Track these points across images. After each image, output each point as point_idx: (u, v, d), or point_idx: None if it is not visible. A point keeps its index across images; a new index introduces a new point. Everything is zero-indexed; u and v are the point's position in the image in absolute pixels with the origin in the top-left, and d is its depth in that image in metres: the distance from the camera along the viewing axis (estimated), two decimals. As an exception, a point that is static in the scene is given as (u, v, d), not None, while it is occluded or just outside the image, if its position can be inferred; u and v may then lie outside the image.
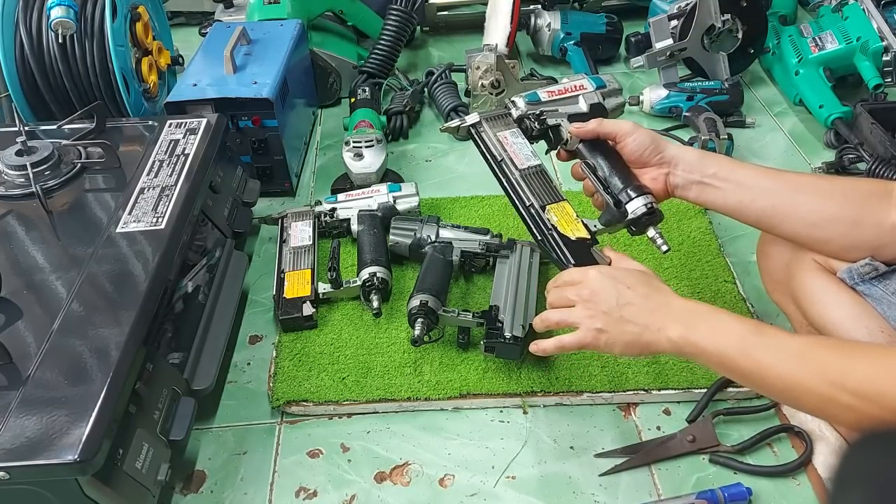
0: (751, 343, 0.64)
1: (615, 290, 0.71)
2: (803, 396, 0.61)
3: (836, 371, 0.59)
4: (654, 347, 0.69)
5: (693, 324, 0.67)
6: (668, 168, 0.81)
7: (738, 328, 0.66)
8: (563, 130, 0.87)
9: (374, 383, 0.91)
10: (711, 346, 0.66)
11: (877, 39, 1.34)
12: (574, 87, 0.91)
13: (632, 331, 0.69)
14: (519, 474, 0.83)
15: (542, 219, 0.82)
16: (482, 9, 1.58)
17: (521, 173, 0.85)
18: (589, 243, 0.80)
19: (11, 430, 0.64)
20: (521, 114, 0.89)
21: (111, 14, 1.14)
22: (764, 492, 0.80)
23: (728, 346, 0.65)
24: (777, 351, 0.63)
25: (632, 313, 0.70)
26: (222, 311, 0.94)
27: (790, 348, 0.63)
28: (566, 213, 0.82)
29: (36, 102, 1.19)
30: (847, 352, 0.62)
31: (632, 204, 0.80)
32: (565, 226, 0.81)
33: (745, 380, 0.66)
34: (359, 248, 1.06)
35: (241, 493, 0.83)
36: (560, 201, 0.84)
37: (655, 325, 0.69)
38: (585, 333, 0.71)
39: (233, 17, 1.66)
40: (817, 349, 0.62)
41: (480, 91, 1.39)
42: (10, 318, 0.75)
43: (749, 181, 0.78)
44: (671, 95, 1.39)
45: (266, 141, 1.19)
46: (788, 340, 0.64)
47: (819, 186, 0.77)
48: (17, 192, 0.92)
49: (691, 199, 0.81)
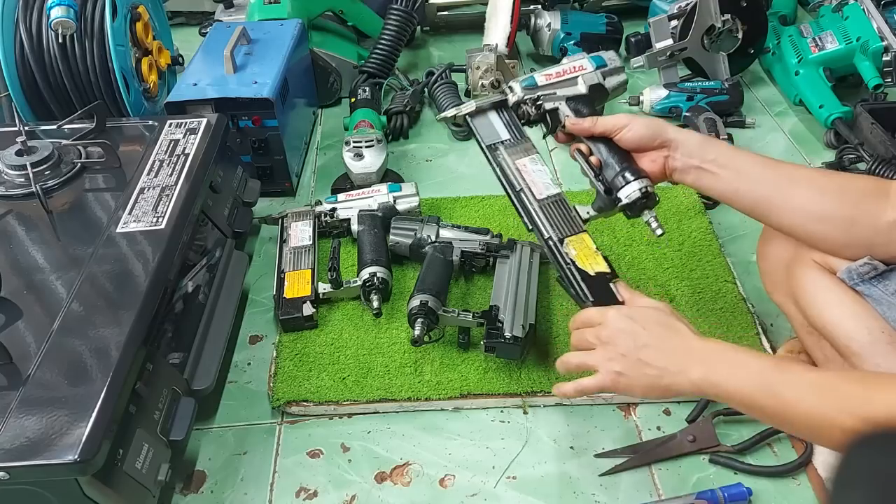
0: (772, 380, 0.63)
1: (633, 332, 0.70)
2: (827, 431, 0.60)
3: (858, 402, 0.58)
4: (674, 389, 0.69)
5: (712, 364, 0.67)
6: (668, 151, 0.80)
7: (758, 365, 0.65)
8: (560, 114, 0.86)
9: (374, 383, 0.91)
10: (733, 387, 0.65)
11: (877, 39, 1.34)
12: (573, 69, 0.89)
13: (651, 374, 0.69)
14: (519, 474, 0.83)
15: (560, 252, 0.80)
16: (482, 9, 1.58)
17: (541, 203, 0.83)
18: (608, 278, 0.77)
19: (11, 430, 0.64)
20: (518, 99, 0.88)
21: (111, 14, 1.14)
22: (764, 492, 0.80)
23: (749, 385, 0.64)
24: (799, 386, 0.62)
25: (650, 356, 0.69)
26: (222, 311, 0.94)
27: (812, 383, 0.62)
28: (585, 246, 0.80)
29: (36, 102, 1.19)
30: (869, 383, 0.61)
31: (627, 188, 0.79)
32: (584, 260, 0.78)
33: (769, 418, 0.66)
34: (359, 248, 1.06)
35: (242, 493, 0.83)
36: (579, 233, 0.81)
37: (675, 367, 0.68)
38: (605, 377, 0.71)
39: (233, 16, 1.66)
40: (838, 382, 0.62)
41: (480, 91, 1.39)
42: (10, 318, 0.75)
43: (747, 169, 0.77)
44: (671, 95, 1.39)
45: (266, 141, 1.19)
46: (809, 375, 0.63)
47: (815, 181, 0.76)
48: (17, 192, 0.92)
49: (688, 182, 0.80)
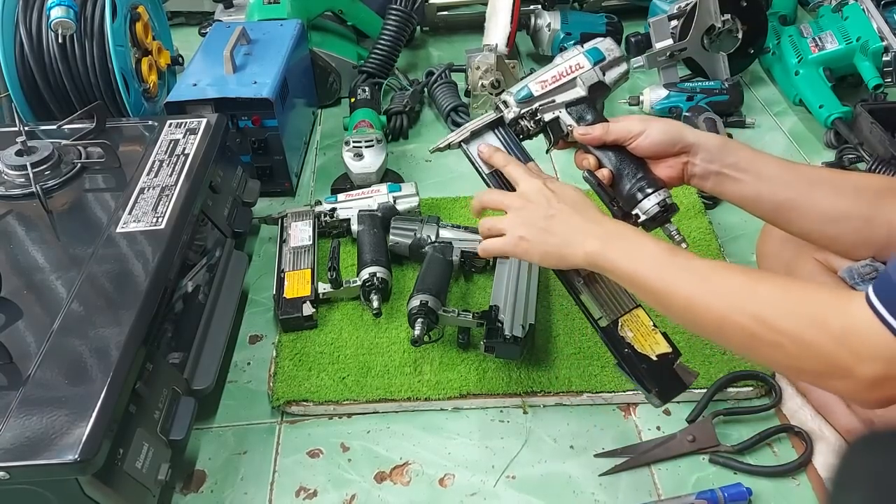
0: (663, 263, 0.65)
1: (544, 204, 0.72)
2: (702, 315, 0.62)
3: (740, 293, 0.61)
4: (569, 260, 0.70)
5: (610, 241, 0.68)
6: (687, 157, 0.77)
7: (654, 248, 0.66)
8: (562, 123, 0.80)
9: (374, 383, 0.91)
10: (626, 264, 0.67)
11: (877, 39, 1.34)
12: (569, 69, 0.80)
13: (550, 241, 0.71)
14: (519, 474, 0.83)
15: (614, 337, 0.73)
16: (482, 9, 1.58)
17: (585, 279, 0.76)
18: (671, 358, 0.72)
19: (11, 430, 0.64)
20: (515, 115, 0.80)
21: (111, 14, 1.14)
22: (764, 492, 0.80)
23: (641, 265, 0.66)
24: (686, 271, 0.64)
25: (553, 226, 0.71)
26: (222, 311, 0.94)
27: (700, 269, 0.64)
28: (641, 325, 0.73)
29: (36, 102, 1.19)
30: (754, 277, 0.63)
31: (645, 202, 0.74)
32: (642, 341, 0.72)
33: (653, 298, 0.67)
34: (359, 248, 1.06)
35: (241, 492, 0.83)
36: (633, 309, 0.74)
37: (574, 238, 0.70)
38: (508, 240, 0.73)
39: (233, 17, 1.66)
40: (726, 271, 0.64)
41: (480, 91, 1.39)
42: (10, 318, 0.75)
43: (768, 173, 0.75)
44: (671, 95, 1.39)
45: (266, 141, 1.19)
46: (699, 262, 0.65)
47: (833, 181, 0.76)
48: (17, 192, 0.92)
49: (707, 188, 0.78)
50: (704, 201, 1.17)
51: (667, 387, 0.72)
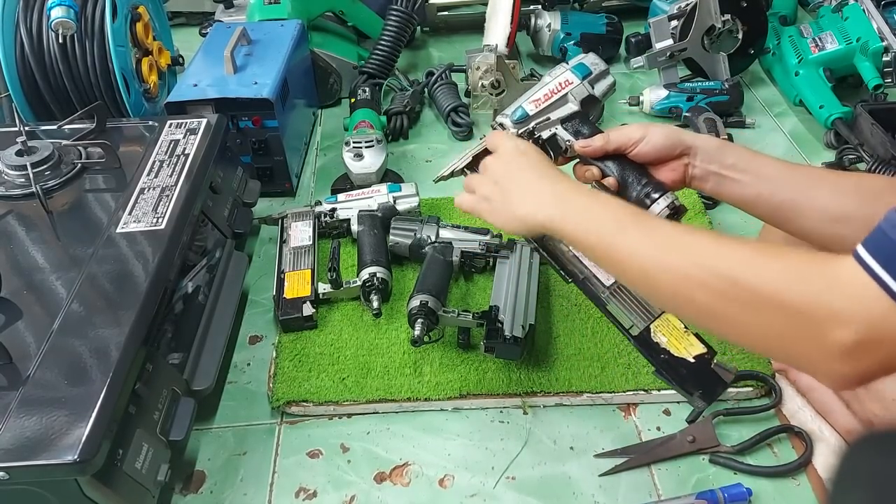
0: (626, 223, 0.63)
1: (514, 167, 0.72)
2: (660, 276, 0.59)
3: (707, 254, 0.57)
4: (528, 224, 0.70)
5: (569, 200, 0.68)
6: (687, 159, 0.77)
7: (617, 206, 0.66)
8: (559, 140, 0.81)
9: (374, 384, 0.91)
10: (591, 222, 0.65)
11: (877, 40, 1.34)
12: (559, 86, 0.82)
13: (511, 203, 0.71)
14: (519, 475, 0.83)
15: (649, 344, 0.73)
16: (482, 9, 1.58)
17: (610, 290, 0.76)
18: (708, 358, 0.72)
19: (11, 430, 0.64)
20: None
21: (111, 14, 1.14)
22: (764, 492, 0.80)
23: (604, 224, 0.64)
24: (649, 231, 0.62)
25: (516, 190, 0.71)
26: (222, 312, 0.94)
27: (663, 229, 0.62)
28: (673, 328, 0.73)
29: (36, 102, 1.19)
30: (725, 238, 0.60)
31: (654, 207, 0.74)
32: (677, 345, 0.72)
33: (611, 261, 0.64)
34: (359, 248, 1.06)
35: (241, 493, 0.83)
36: (663, 313, 0.74)
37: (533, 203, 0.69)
38: (475, 199, 0.74)
39: (233, 17, 1.66)
40: (694, 233, 0.61)
41: (480, 91, 1.39)
42: (10, 318, 0.75)
43: (767, 173, 0.75)
44: (671, 96, 1.39)
45: (266, 141, 1.19)
46: (664, 223, 0.64)
47: (833, 181, 0.75)
48: (17, 192, 0.92)
49: (707, 189, 0.78)
50: (704, 201, 1.17)
51: (709, 387, 0.72)
